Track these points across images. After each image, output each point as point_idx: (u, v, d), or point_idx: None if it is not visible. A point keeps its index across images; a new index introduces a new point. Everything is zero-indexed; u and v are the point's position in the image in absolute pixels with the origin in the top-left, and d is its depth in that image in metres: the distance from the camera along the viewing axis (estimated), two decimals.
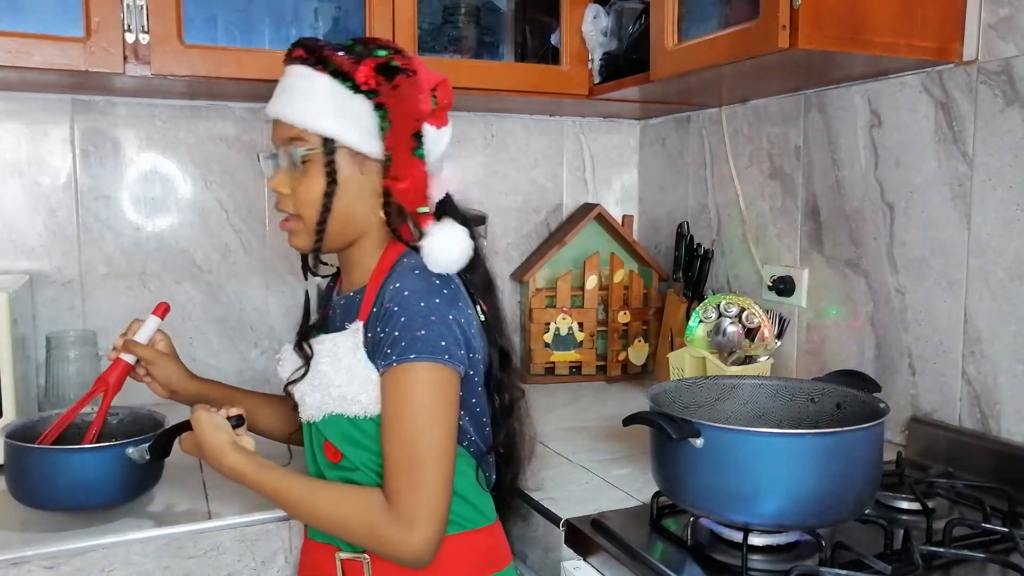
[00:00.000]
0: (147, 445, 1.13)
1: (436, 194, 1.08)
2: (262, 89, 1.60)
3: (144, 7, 1.40)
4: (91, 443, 1.16)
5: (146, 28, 1.40)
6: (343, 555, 1.04)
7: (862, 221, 1.51)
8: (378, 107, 1.02)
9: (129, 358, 1.19)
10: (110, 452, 1.12)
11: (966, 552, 0.98)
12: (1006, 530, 1.04)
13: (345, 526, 0.97)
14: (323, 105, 1.01)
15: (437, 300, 0.99)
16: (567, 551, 1.12)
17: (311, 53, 1.03)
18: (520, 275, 2.02)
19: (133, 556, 1.09)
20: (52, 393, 1.59)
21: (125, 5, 1.39)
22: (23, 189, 1.65)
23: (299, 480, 1.01)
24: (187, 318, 1.78)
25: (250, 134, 1.80)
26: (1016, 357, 1.25)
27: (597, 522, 1.10)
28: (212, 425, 1.04)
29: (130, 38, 1.40)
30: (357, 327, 1.03)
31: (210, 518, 1.15)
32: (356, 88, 1.01)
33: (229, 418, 1.07)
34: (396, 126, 1.02)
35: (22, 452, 1.11)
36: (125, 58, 1.40)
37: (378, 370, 0.99)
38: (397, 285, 1.00)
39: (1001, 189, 1.26)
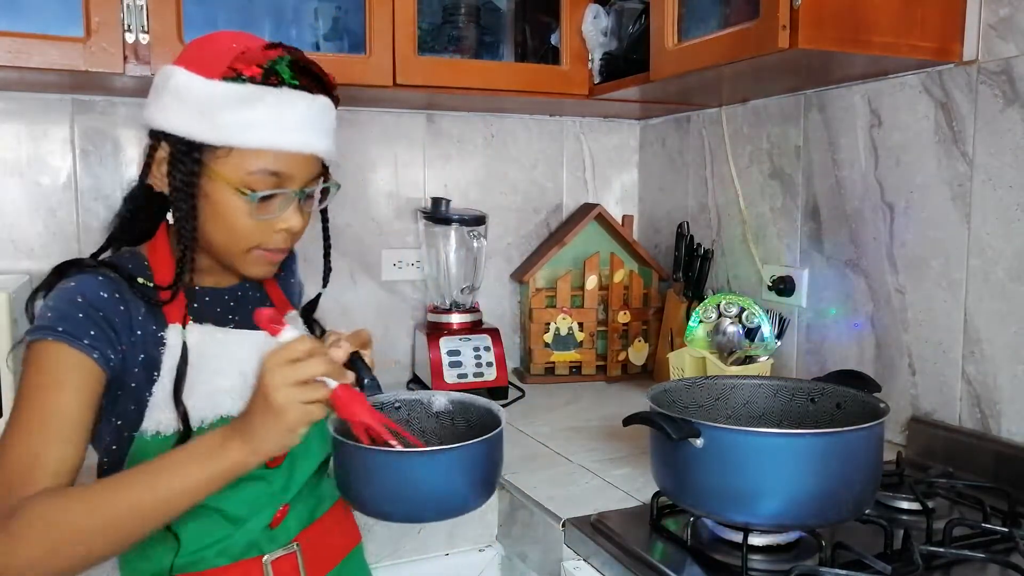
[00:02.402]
0: None
1: None
2: None
3: (144, 7, 1.40)
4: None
5: (146, 28, 1.40)
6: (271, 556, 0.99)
7: (862, 221, 1.51)
8: None
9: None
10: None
11: (966, 552, 0.98)
12: (1006, 530, 1.04)
13: None
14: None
15: None
16: (567, 551, 1.12)
17: (326, 84, 0.99)
18: (520, 275, 2.02)
19: None
20: None
21: (125, 5, 1.39)
22: (23, 189, 1.65)
23: None
24: None
25: None
26: (1016, 357, 1.25)
27: (597, 522, 1.10)
28: None
29: (130, 38, 1.40)
30: (295, 314, 1.13)
31: None
32: None
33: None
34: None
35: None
36: (125, 58, 1.40)
37: None
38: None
39: (1001, 189, 1.26)
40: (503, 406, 1.71)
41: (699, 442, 0.95)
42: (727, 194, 1.86)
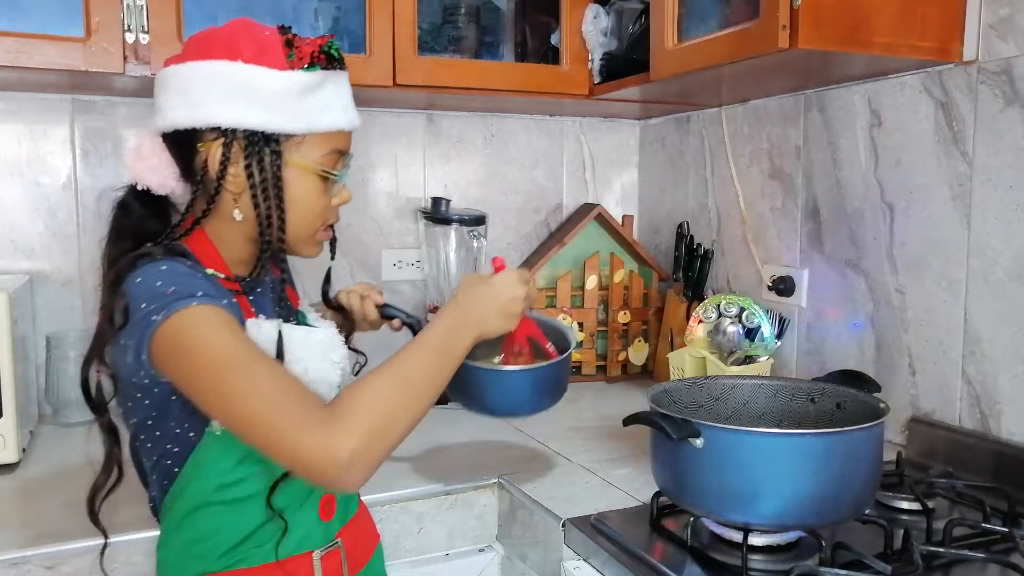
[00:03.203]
0: None
1: None
2: None
3: (144, 7, 1.40)
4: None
5: (146, 28, 1.40)
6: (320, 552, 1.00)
7: (862, 221, 1.51)
8: None
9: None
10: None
11: (966, 552, 0.98)
12: (1006, 530, 1.04)
13: None
14: None
15: None
16: (567, 551, 1.12)
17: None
18: None
19: (133, 556, 1.09)
20: (52, 393, 1.59)
21: (125, 5, 1.39)
22: (23, 189, 1.65)
23: None
24: None
25: None
26: (1016, 357, 1.25)
27: (597, 522, 1.10)
28: None
29: (130, 38, 1.40)
30: (307, 303, 1.16)
31: None
32: None
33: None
34: None
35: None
36: (125, 58, 1.40)
37: None
38: None
39: (1001, 189, 1.26)
40: None
41: (699, 442, 0.95)
42: (727, 194, 1.86)
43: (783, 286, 1.67)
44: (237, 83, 0.93)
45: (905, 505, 1.14)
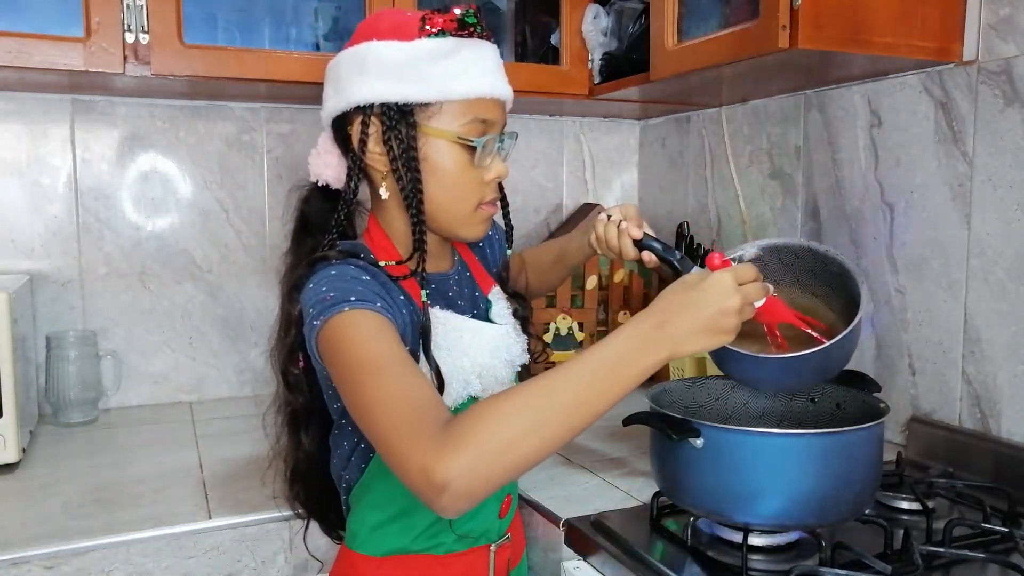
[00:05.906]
0: None
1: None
2: (262, 89, 1.60)
3: (144, 7, 1.40)
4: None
5: (146, 28, 1.40)
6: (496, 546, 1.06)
7: (862, 221, 1.51)
8: None
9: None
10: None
11: (966, 552, 0.98)
12: (1006, 530, 1.04)
13: None
14: None
15: None
16: (567, 551, 1.12)
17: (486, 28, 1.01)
18: None
19: (133, 556, 1.09)
20: (52, 393, 1.59)
21: (125, 5, 1.39)
22: (23, 189, 1.65)
23: None
24: (187, 318, 1.78)
25: (250, 134, 1.80)
26: (1016, 357, 1.25)
27: (597, 522, 1.10)
28: None
29: (130, 38, 1.40)
30: (498, 290, 1.14)
31: (210, 518, 1.16)
32: None
33: None
34: None
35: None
36: (125, 58, 1.40)
37: None
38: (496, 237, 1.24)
39: (1001, 189, 1.26)
40: None
41: (699, 442, 0.95)
42: (727, 194, 1.86)
43: None
44: (371, 60, 0.95)
45: (905, 505, 1.14)
